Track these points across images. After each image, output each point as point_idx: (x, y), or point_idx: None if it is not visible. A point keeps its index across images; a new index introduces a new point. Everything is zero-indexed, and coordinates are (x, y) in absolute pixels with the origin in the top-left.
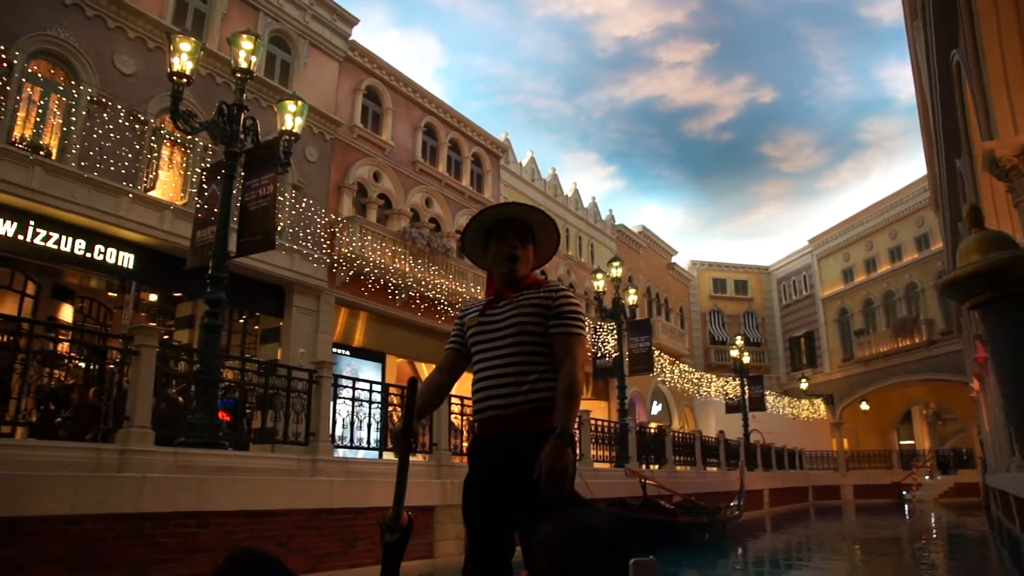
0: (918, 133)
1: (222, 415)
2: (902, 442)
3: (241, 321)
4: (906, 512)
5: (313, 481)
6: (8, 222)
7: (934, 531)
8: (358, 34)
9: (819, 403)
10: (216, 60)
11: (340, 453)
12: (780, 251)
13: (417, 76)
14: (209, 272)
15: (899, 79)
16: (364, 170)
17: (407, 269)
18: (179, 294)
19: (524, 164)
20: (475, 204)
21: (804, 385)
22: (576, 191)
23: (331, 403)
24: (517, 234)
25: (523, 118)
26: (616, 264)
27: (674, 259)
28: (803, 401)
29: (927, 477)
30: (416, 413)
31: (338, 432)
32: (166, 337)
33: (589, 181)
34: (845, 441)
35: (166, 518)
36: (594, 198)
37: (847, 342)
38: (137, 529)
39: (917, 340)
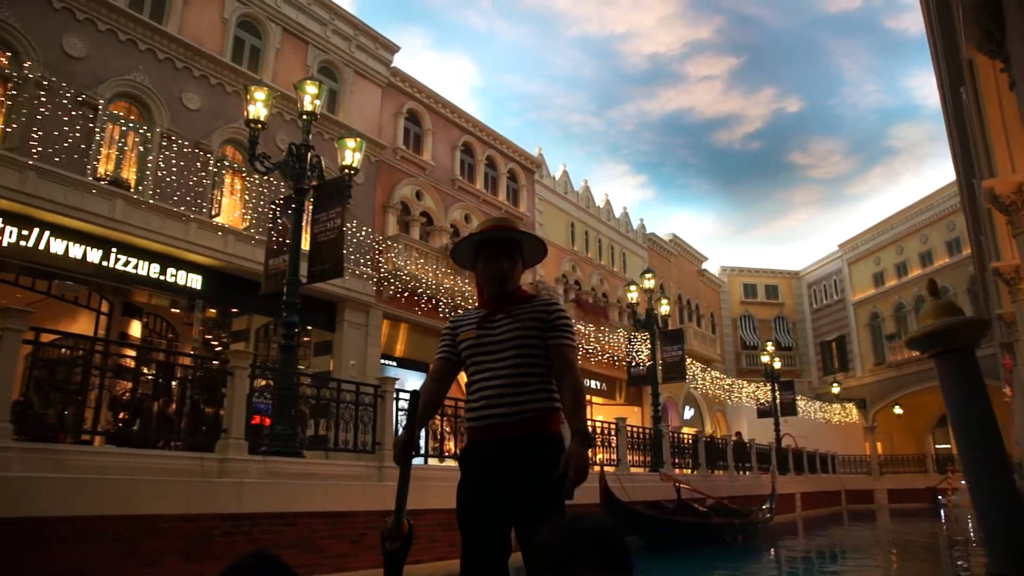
0: (947, 140)
1: (256, 420)
2: (938, 446)
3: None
4: (942, 517)
5: (381, 485)
6: (95, 250)
7: (971, 536)
8: (398, 59)
9: (851, 407)
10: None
11: None
12: (810, 256)
13: (454, 96)
14: (284, 298)
15: (927, 87)
16: (407, 189)
17: (448, 283)
18: (235, 309)
19: (557, 178)
20: (511, 219)
21: (836, 389)
22: (608, 202)
23: (394, 415)
24: (505, 252)
25: (556, 133)
26: (649, 276)
27: (704, 265)
28: (835, 405)
29: (963, 482)
30: (422, 420)
31: None
32: (218, 348)
33: (620, 191)
34: (879, 445)
35: (260, 517)
36: (625, 208)
37: (879, 346)
38: (238, 526)
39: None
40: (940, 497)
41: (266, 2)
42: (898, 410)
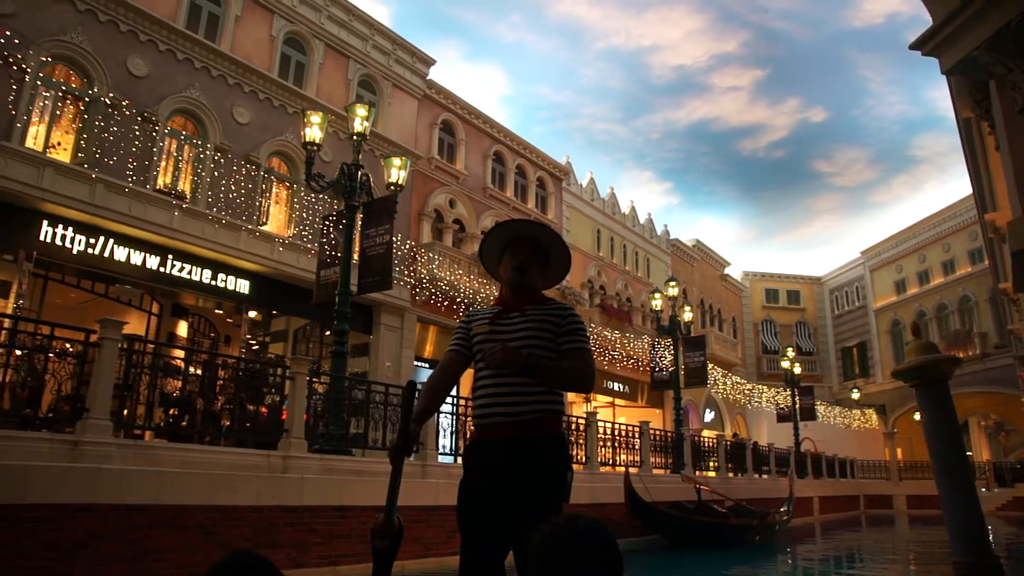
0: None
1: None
2: None
3: (329, 333)
4: None
5: (423, 483)
6: (153, 256)
7: (992, 544)
8: (433, 72)
9: (871, 413)
10: (303, 100)
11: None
12: (833, 262)
13: (485, 105)
14: (335, 308)
15: (949, 99)
16: (441, 198)
17: (480, 288)
18: (275, 312)
19: (584, 185)
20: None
21: (856, 395)
22: (633, 209)
23: (436, 418)
24: (530, 251)
25: (582, 141)
26: (672, 284)
27: (727, 271)
28: (854, 411)
29: (983, 489)
30: (420, 414)
31: (442, 442)
32: (255, 347)
33: (645, 197)
34: (899, 451)
35: (318, 510)
36: (650, 214)
37: (899, 353)
38: (299, 518)
39: (970, 352)
40: None
41: (311, 19)
42: (918, 416)
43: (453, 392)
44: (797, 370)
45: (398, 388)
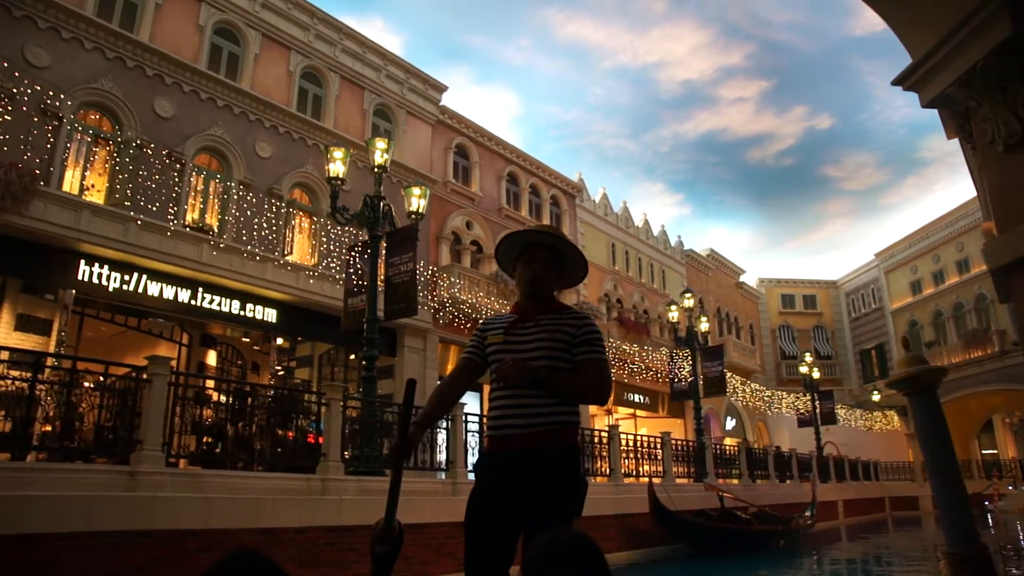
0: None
1: (311, 439)
2: (984, 451)
3: (353, 358)
4: (989, 523)
5: (455, 499)
6: (184, 290)
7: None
8: (445, 97)
9: (892, 414)
10: (321, 131)
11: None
12: (847, 265)
13: (497, 126)
14: (364, 335)
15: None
16: (458, 220)
17: (497, 307)
18: (300, 338)
19: (597, 200)
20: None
21: (876, 397)
22: (646, 221)
23: (464, 436)
24: (544, 258)
25: (593, 157)
26: (688, 296)
27: (742, 278)
28: (876, 413)
29: (1010, 487)
30: (423, 418)
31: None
32: (281, 373)
33: (657, 209)
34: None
35: (356, 530)
36: (663, 226)
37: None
38: (339, 537)
39: (989, 351)
40: (987, 503)
41: (326, 53)
42: None
43: (478, 410)
44: (816, 374)
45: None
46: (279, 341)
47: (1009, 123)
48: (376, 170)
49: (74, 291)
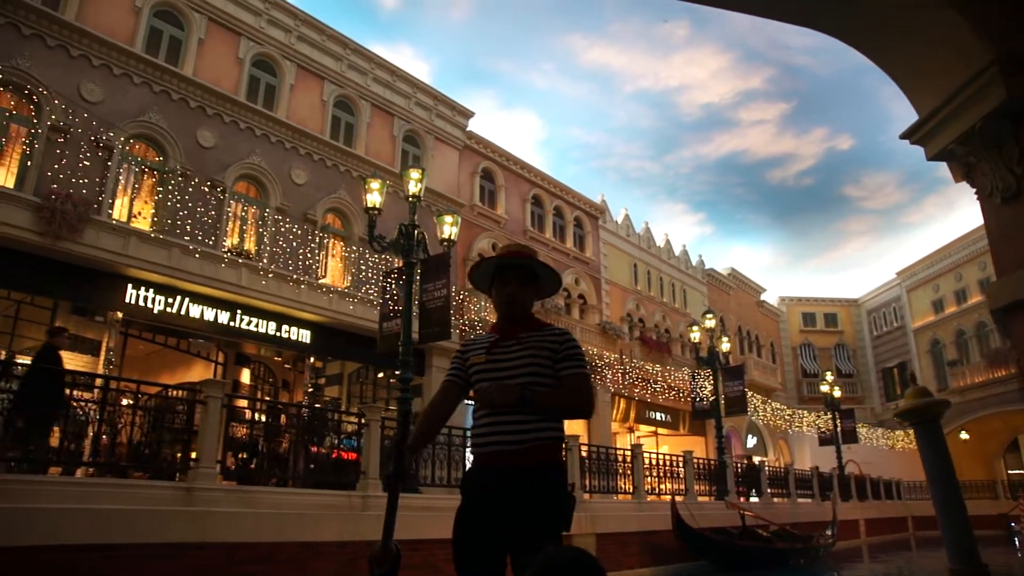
0: None
1: (345, 455)
2: (1010, 471)
3: (381, 376)
4: (1016, 543)
5: None
6: (224, 312)
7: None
8: (472, 122)
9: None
10: (353, 158)
11: None
12: (868, 284)
13: (521, 149)
14: (399, 357)
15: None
16: (484, 242)
17: None
18: (331, 357)
19: (620, 221)
20: (578, 264)
21: None
22: (668, 241)
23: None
24: (517, 279)
25: (615, 178)
26: (709, 316)
27: (763, 296)
28: (898, 432)
29: None
30: (416, 440)
31: None
32: (311, 390)
33: (679, 229)
34: None
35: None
36: (684, 246)
37: (941, 373)
38: None
39: (1013, 370)
40: (1012, 524)
41: (358, 82)
42: (964, 435)
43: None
44: (837, 393)
45: (459, 429)
46: (311, 360)
47: (1005, 178)
48: (410, 199)
49: (120, 313)
